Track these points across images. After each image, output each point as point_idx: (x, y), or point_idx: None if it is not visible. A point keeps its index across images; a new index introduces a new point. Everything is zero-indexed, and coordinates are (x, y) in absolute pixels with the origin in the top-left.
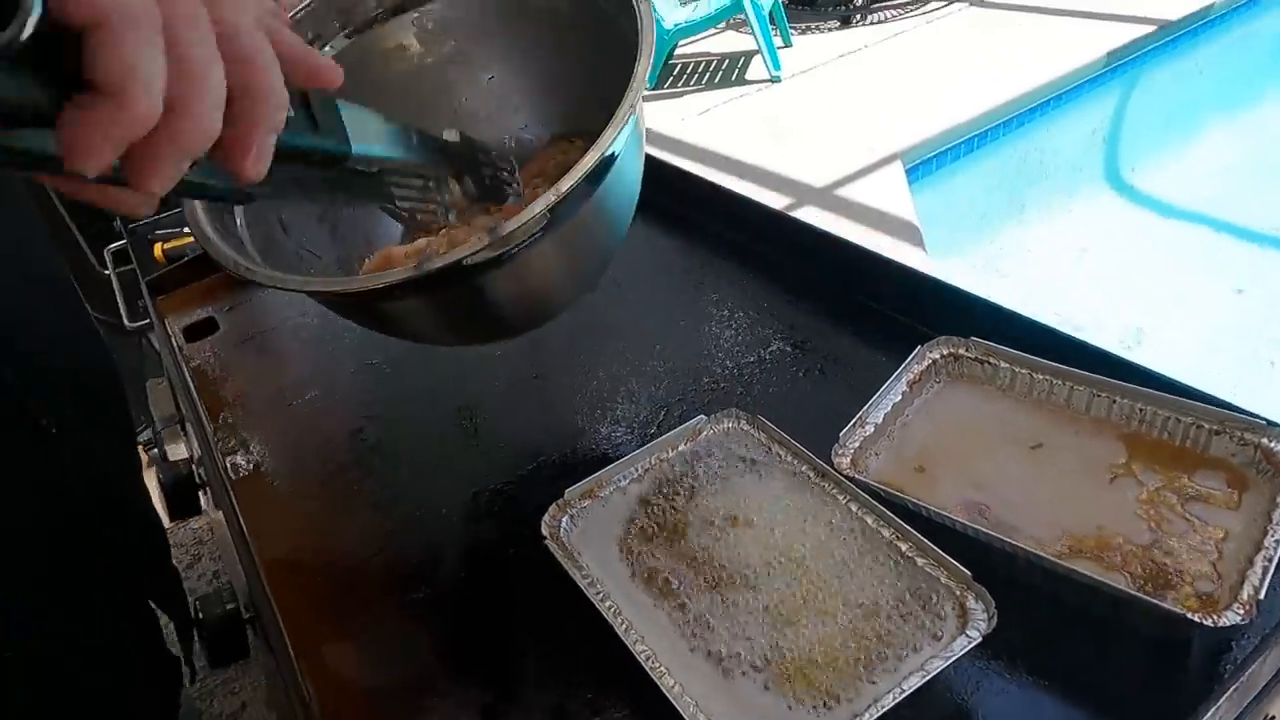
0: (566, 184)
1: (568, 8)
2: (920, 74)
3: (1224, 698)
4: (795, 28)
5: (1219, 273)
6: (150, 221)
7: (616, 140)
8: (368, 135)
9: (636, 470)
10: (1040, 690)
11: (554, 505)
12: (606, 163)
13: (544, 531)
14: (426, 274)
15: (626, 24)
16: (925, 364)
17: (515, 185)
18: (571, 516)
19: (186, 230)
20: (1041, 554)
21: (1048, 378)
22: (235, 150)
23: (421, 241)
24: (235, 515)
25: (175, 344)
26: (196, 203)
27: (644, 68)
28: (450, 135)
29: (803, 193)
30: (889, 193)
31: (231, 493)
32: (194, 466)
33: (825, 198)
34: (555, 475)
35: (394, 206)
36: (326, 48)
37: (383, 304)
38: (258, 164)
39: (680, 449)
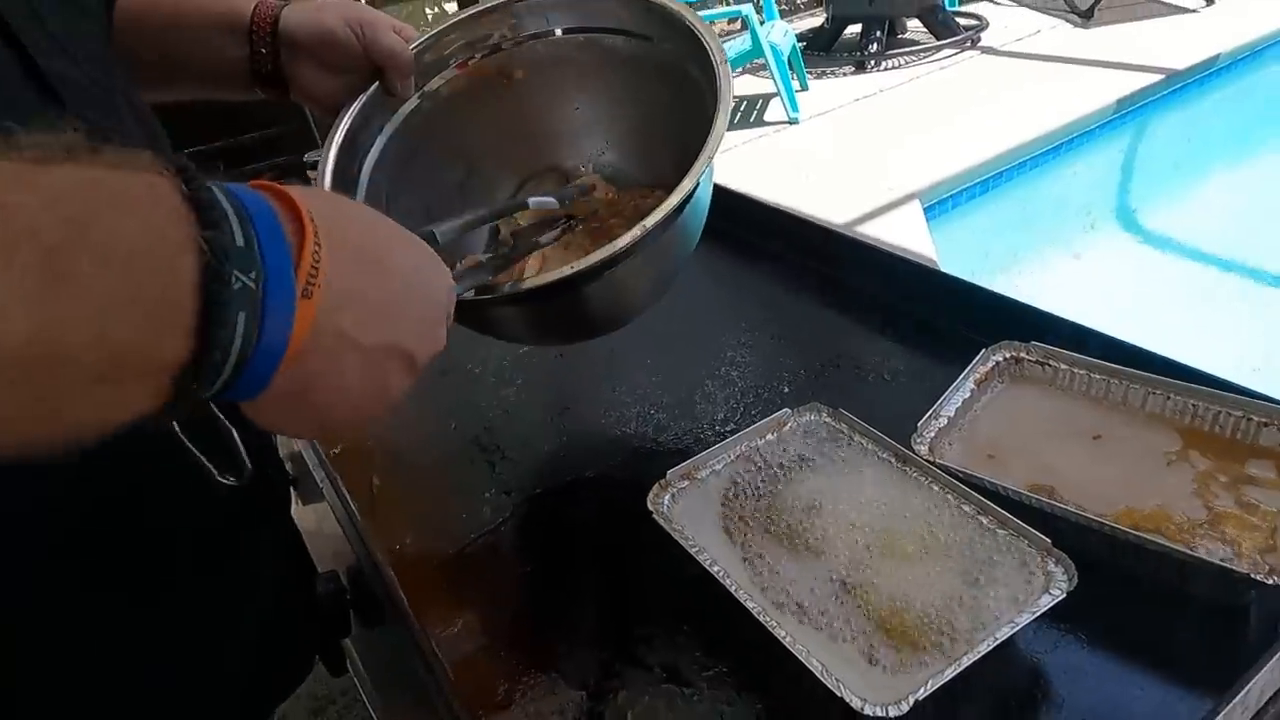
0: (675, 199)
1: (651, 57)
2: (934, 117)
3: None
4: (812, 72)
5: (1230, 309)
6: None
7: (703, 173)
8: None
9: (730, 455)
10: (1109, 650)
11: (657, 485)
12: (692, 192)
13: (649, 507)
14: (578, 273)
15: (700, 74)
16: (990, 365)
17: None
18: (673, 495)
19: None
20: (1114, 525)
21: (1105, 377)
22: None
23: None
24: (346, 504)
25: None
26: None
27: (723, 117)
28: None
29: None
30: (908, 230)
31: (341, 483)
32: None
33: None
34: (645, 465)
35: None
36: (438, 77)
37: (509, 308)
38: None
39: (768, 438)
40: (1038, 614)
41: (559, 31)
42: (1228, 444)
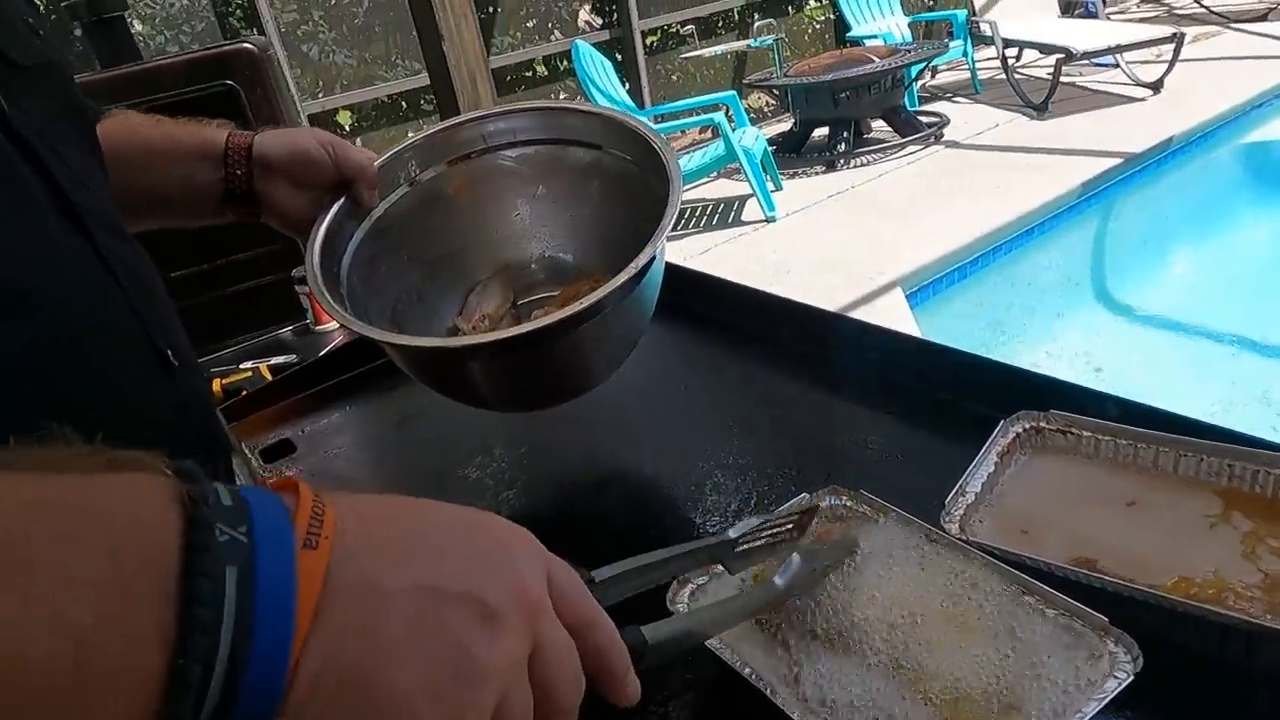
0: (643, 260)
1: (599, 162)
2: (907, 208)
3: None
4: (784, 173)
5: (1207, 373)
6: (208, 360)
7: (661, 243)
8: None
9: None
10: None
11: (675, 581)
12: (650, 263)
13: (670, 606)
14: (536, 330)
15: (651, 173)
16: (1010, 437)
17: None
18: (693, 591)
19: (243, 366)
20: (1172, 596)
21: (1131, 442)
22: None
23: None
24: None
25: (254, 465)
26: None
27: (675, 196)
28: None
29: None
30: (893, 317)
31: None
32: None
33: None
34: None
35: None
36: (408, 184)
37: (471, 363)
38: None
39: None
40: (1105, 700)
41: (508, 148)
42: (1270, 504)
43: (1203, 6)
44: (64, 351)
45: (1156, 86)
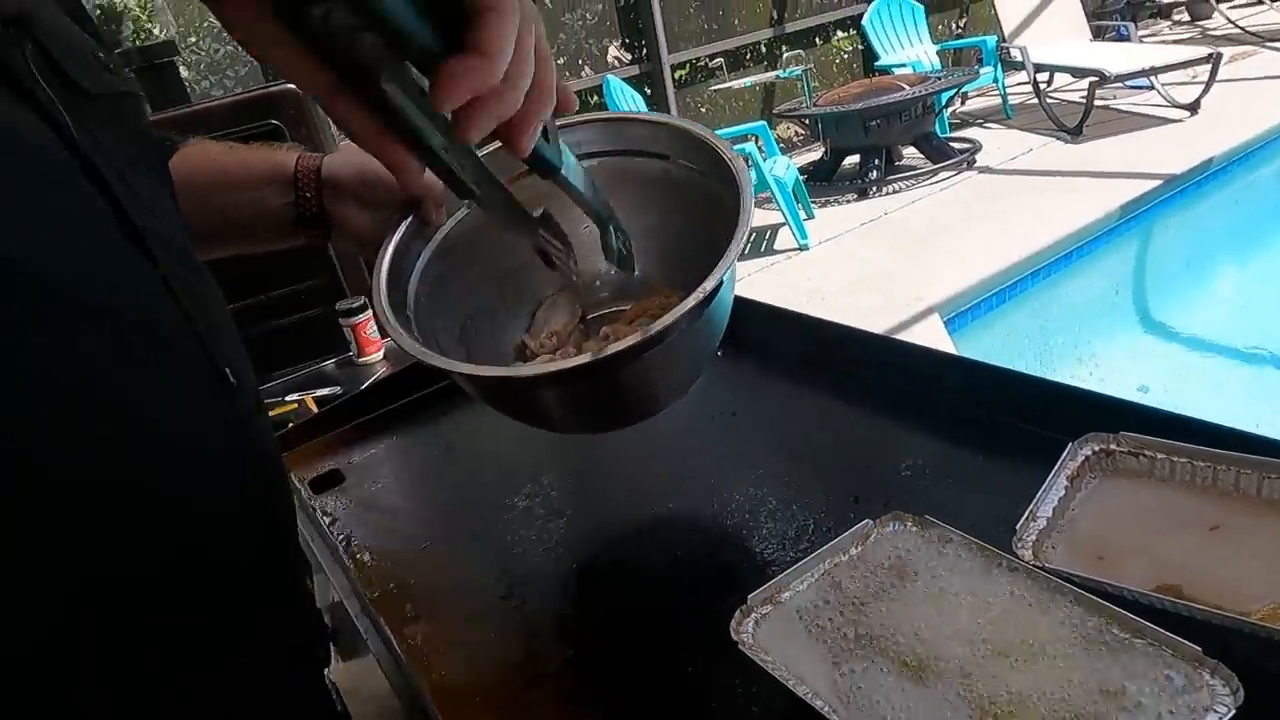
0: (710, 283)
1: (669, 174)
2: (942, 234)
3: None
4: (816, 201)
5: (1256, 395)
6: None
7: (732, 262)
8: (570, 167)
9: (813, 574)
10: None
11: (738, 611)
12: (722, 282)
13: (734, 636)
14: (605, 359)
15: (721, 184)
16: (1079, 460)
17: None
18: (756, 621)
19: (289, 399)
20: (1271, 626)
21: (1209, 464)
22: (519, 126)
23: (544, 358)
24: (391, 650)
25: (304, 495)
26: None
27: (748, 208)
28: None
29: None
30: (932, 342)
31: (386, 627)
32: (323, 616)
33: None
34: (718, 591)
35: (542, 248)
36: (464, 207)
37: (546, 390)
38: (529, 141)
39: (853, 552)
40: None
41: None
42: None
43: (1237, 27)
44: (126, 364)
45: (1193, 107)
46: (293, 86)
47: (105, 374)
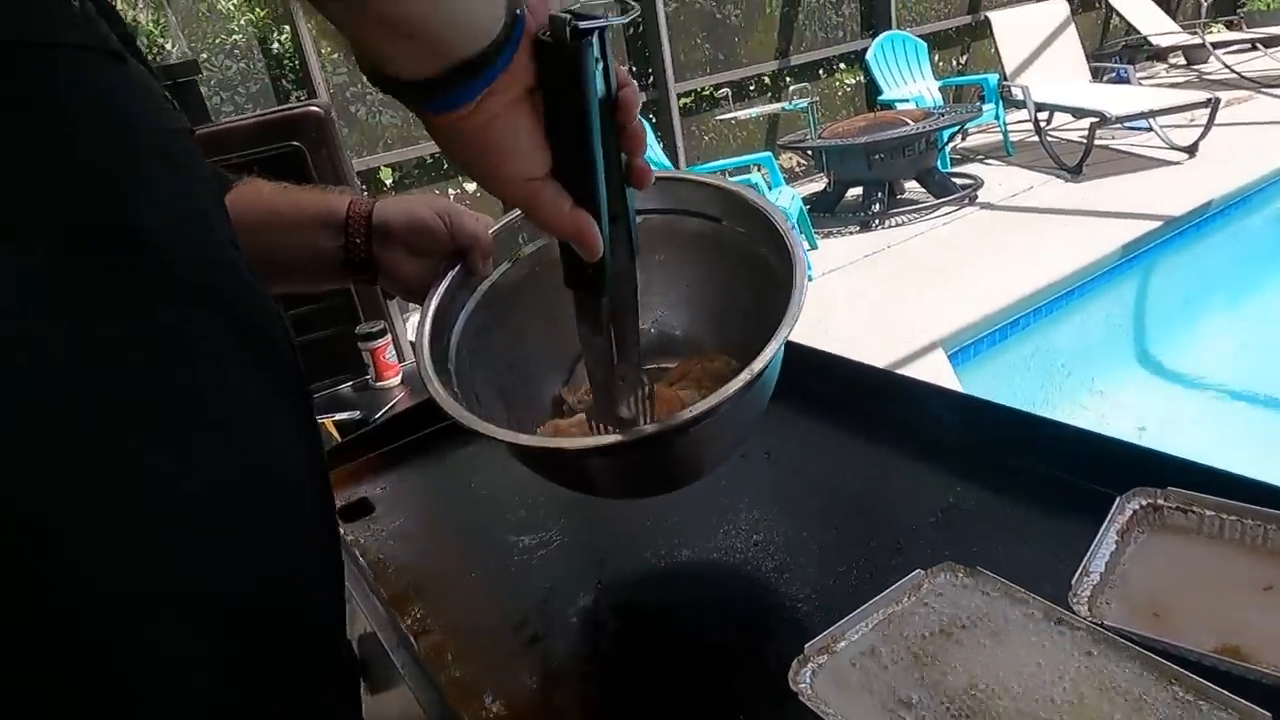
0: (759, 365)
1: (720, 235)
2: (945, 268)
3: None
4: (819, 232)
5: (1255, 437)
6: None
7: (781, 342)
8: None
9: (867, 625)
10: None
11: (796, 661)
12: (775, 357)
13: (793, 687)
14: (661, 431)
15: (770, 252)
16: (1128, 514)
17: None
18: (814, 671)
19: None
20: None
21: (1260, 523)
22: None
23: (581, 416)
24: (435, 685)
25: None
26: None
27: (801, 288)
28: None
29: None
30: (936, 378)
31: (418, 660)
32: (353, 646)
33: None
34: (761, 638)
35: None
36: (506, 261)
37: (589, 461)
38: None
39: (905, 603)
40: None
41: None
42: None
43: (1233, 72)
44: (233, 351)
45: (1192, 150)
46: (316, 109)
47: (214, 359)
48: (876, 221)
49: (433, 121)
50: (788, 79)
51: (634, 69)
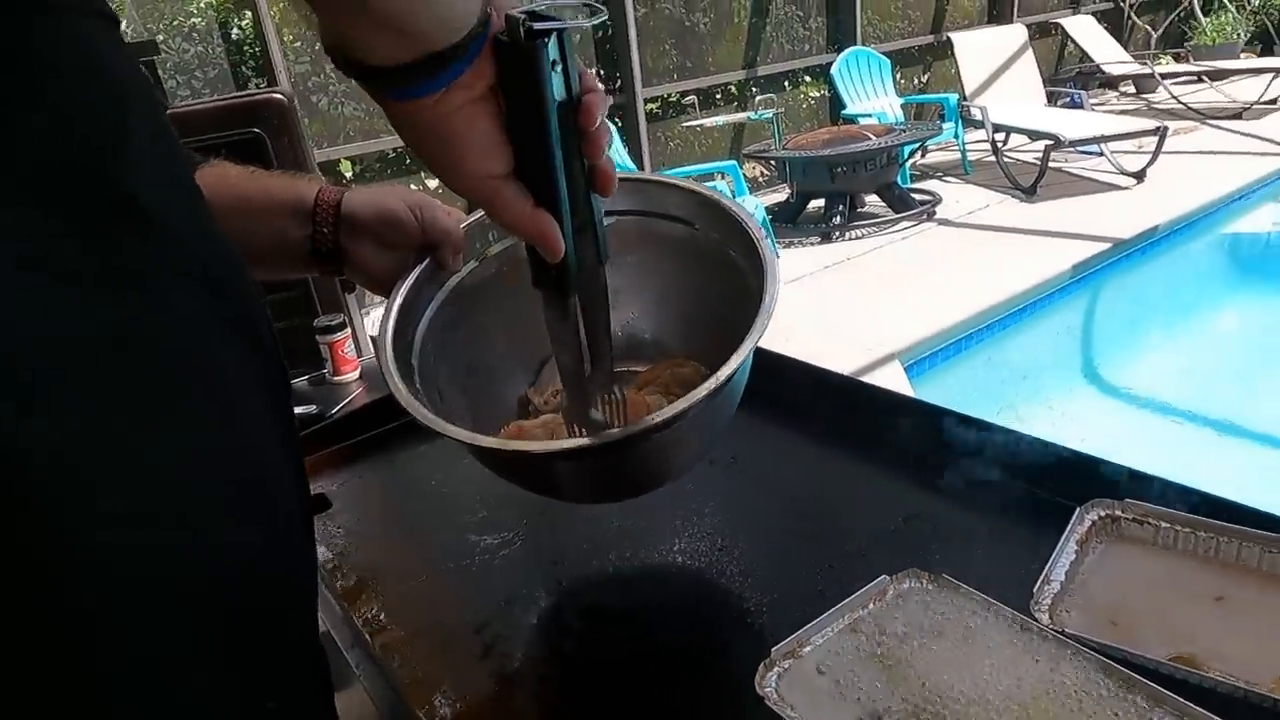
0: (725, 372)
1: (699, 241)
2: (903, 282)
3: None
4: (780, 241)
5: (1189, 454)
6: None
7: (750, 349)
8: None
9: (832, 629)
10: None
11: (762, 664)
12: (743, 365)
13: (759, 690)
14: (624, 437)
15: (742, 258)
16: (1086, 525)
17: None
18: (779, 675)
19: None
20: None
21: (1212, 535)
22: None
23: (547, 417)
24: (392, 683)
25: None
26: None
27: (772, 295)
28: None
29: None
30: (893, 389)
31: (372, 657)
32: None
33: None
34: (727, 642)
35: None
36: (475, 259)
37: (555, 465)
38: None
39: (870, 608)
40: None
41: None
42: None
43: (1180, 103)
44: (216, 331)
45: (1140, 176)
46: (279, 95)
47: (202, 338)
48: (837, 233)
49: (393, 108)
50: (754, 89)
51: (602, 73)
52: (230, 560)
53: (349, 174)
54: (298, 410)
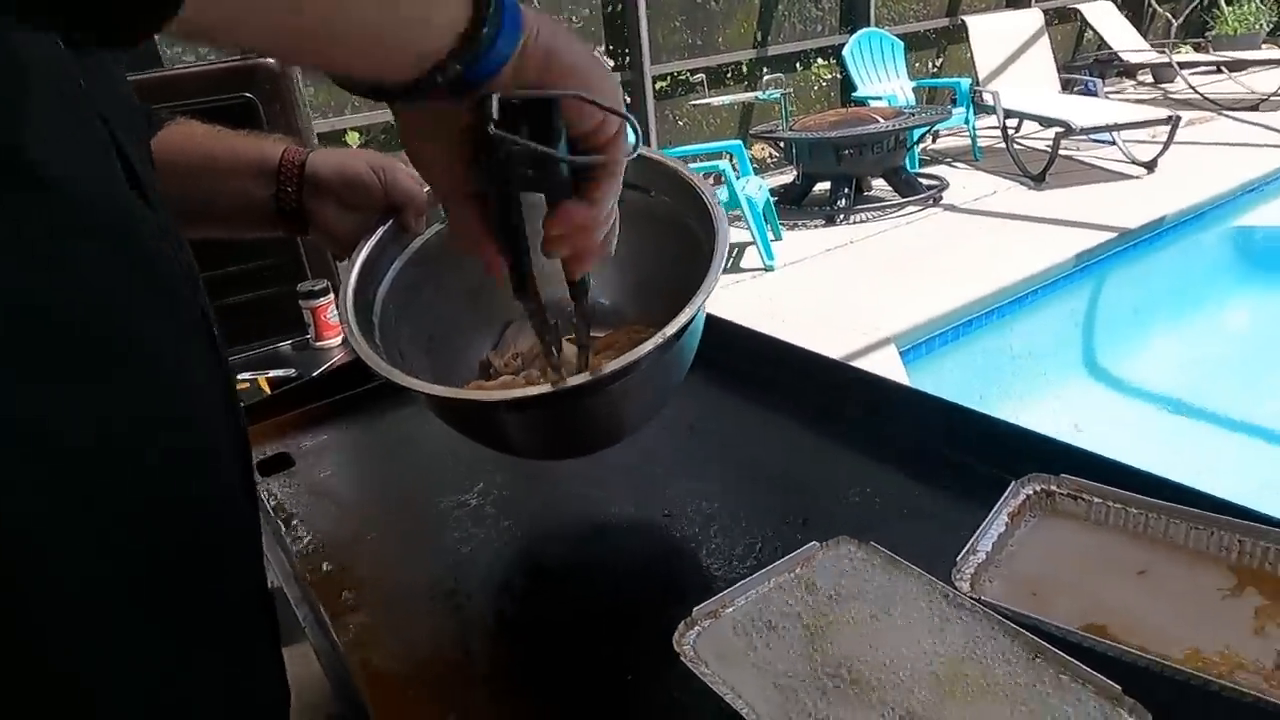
0: (672, 329)
1: (649, 207)
2: (904, 266)
3: None
4: (785, 223)
5: (1183, 445)
6: None
7: (699, 306)
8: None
9: (757, 591)
10: None
11: (682, 623)
12: (691, 321)
13: (676, 648)
14: (566, 390)
15: (696, 223)
16: (1021, 499)
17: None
18: (699, 633)
19: (241, 378)
20: (1187, 669)
21: (1143, 512)
22: (585, 260)
23: (506, 378)
24: (328, 636)
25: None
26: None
27: (720, 256)
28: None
29: None
30: (886, 372)
31: (325, 614)
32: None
33: None
34: (661, 603)
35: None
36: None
37: (506, 415)
38: (584, 270)
39: (797, 572)
40: None
41: None
42: None
43: (1197, 93)
44: (138, 295)
45: (1151, 166)
46: (271, 61)
47: (124, 306)
48: (842, 217)
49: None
50: (764, 69)
51: (611, 48)
52: (160, 518)
53: (355, 144)
54: (275, 373)
